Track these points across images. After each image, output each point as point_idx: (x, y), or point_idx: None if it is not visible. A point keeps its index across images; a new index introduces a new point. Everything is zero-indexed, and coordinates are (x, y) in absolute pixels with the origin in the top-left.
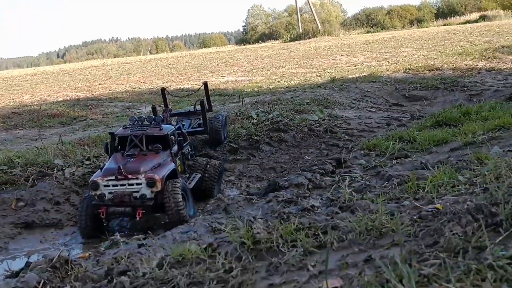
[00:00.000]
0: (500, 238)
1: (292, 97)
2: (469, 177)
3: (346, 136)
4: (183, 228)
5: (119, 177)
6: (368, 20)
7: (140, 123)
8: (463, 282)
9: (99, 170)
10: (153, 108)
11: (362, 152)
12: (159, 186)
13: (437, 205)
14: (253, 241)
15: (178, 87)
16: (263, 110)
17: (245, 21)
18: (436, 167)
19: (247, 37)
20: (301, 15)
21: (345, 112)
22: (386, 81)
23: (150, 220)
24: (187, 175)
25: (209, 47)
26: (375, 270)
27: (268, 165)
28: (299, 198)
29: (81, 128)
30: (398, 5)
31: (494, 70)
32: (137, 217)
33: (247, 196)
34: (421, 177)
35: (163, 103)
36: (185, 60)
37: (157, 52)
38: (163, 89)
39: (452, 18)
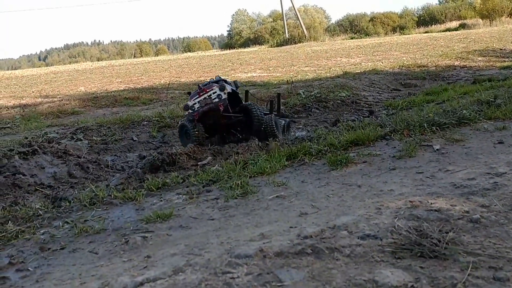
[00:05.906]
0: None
1: (319, 84)
2: (444, 109)
3: (367, 105)
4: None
5: (201, 93)
6: (352, 27)
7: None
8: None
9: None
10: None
11: (382, 108)
12: (228, 89)
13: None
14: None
15: None
16: (305, 90)
17: (229, 25)
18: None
19: (232, 41)
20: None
21: (361, 93)
22: (386, 73)
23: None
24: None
25: (194, 51)
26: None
27: (320, 119)
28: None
29: (163, 105)
30: (381, 12)
31: (466, 67)
32: (220, 108)
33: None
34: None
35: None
36: (194, 61)
37: (141, 55)
38: (279, 95)
39: (433, 25)
